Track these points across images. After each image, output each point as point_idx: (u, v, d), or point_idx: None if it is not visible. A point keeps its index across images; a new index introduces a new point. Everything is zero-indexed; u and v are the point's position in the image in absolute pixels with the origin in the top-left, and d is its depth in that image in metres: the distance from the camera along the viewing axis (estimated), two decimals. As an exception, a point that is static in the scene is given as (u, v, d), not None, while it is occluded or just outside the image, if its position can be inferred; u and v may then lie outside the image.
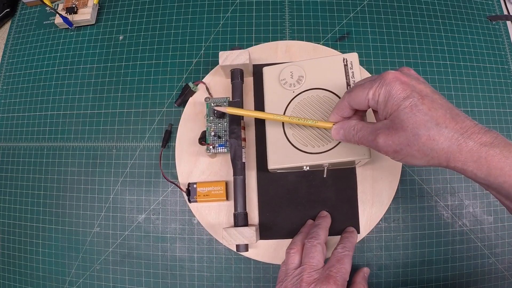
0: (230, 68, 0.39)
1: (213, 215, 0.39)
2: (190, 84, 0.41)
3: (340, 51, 0.43)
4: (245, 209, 0.36)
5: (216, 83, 0.42)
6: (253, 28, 0.46)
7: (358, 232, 0.37)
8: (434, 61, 0.44)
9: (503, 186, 0.24)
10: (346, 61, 0.34)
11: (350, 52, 0.35)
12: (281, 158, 0.33)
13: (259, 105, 0.40)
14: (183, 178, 0.40)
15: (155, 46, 0.46)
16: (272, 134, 0.34)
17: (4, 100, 0.48)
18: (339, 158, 0.32)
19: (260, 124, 0.38)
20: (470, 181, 0.41)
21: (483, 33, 0.46)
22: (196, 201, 0.38)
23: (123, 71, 0.46)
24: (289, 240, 0.36)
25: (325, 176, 0.35)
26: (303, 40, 0.44)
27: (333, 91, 0.34)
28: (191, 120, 0.41)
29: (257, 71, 0.41)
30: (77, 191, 0.43)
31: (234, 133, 0.37)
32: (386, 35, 0.45)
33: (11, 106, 0.47)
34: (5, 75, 0.49)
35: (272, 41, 0.44)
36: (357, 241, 0.37)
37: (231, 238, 0.35)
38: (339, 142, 0.32)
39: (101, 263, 0.41)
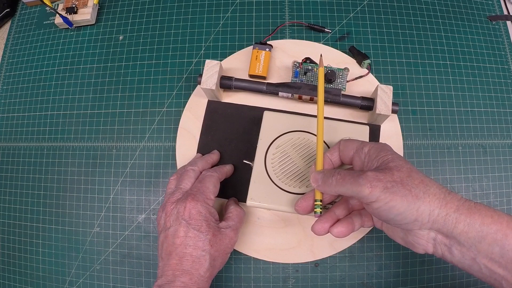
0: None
1: None
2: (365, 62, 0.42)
3: (340, 51, 0.43)
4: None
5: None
6: (253, 28, 0.46)
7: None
8: (434, 61, 0.44)
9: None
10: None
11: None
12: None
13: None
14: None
15: (155, 46, 0.46)
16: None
17: (4, 100, 0.48)
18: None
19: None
20: (470, 181, 0.41)
21: (483, 33, 0.46)
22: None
23: (123, 71, 0.46)
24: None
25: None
26: (303, 40, 0.45)
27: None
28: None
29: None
30: (77, 191, 0.43)
31: (307, 89, 0.39)
32: (386, 35, 0.45)
33: (11, 106, 0.47)
34: (5, 75, 0.49)
35: (272, 40, 0.44)
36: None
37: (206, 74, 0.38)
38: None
39: (101, 263, 0.41)
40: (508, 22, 0.47)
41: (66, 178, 0.44)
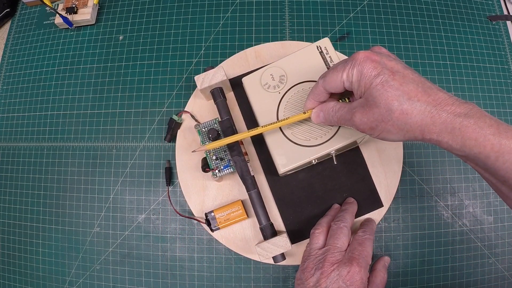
0: (209, 90, 0.38)
1: (239, 237, 0.38)
2: (175, 117, 0.40)
3: (340, 51, 0.43)
4: (269, 220, 0.36)
5: (201, 107, 0.41)
6: (253, 28, 0.46)
7: (381, 205, 0.38)
8: (434, 61, 0.44)
9: (479, 157, 0.24)
10: (320, 48, 0.35)
11: (351, 51, 0.35)
12: (288, 159, 0.34)
13: (248, 116, 0.40)
14: (197, 210, 0.39)
15: (155, 46, 0.46)
16: (273, 140, 0.34)
17: (4, 100, 0.48)
18: (343, 142, 0.33)
19: (255, 135, 0.38)
20: (470, 181, 0.41)
21: (483, 33, 0.46)
22: (218, 228, 0.37)
23: (123, 71, 0.46)
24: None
25: (335, 163, 0.35)
26: (303, 40, 0.45)
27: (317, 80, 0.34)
28: (188, 151, 0.40)
29: (236, 84, 0.40)
30: (77, 191, 0.43)
31: (234, 150, 0.36)
32: (386, 35, 0.45)
33: (11, 106, 0.47)
34: (5, 75, 0.49)
35: (272, 41, 0.44)
36: (382, 215, 0.38)
37: (267, 252, 0.34)
38: (339, 129, 0.33)
39: (101, 263, 0.41)
40: (508, 22, 0.47)
41: (66, 178, 0.44)
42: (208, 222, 0.37)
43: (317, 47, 0.35)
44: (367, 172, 0.38)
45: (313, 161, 0.34)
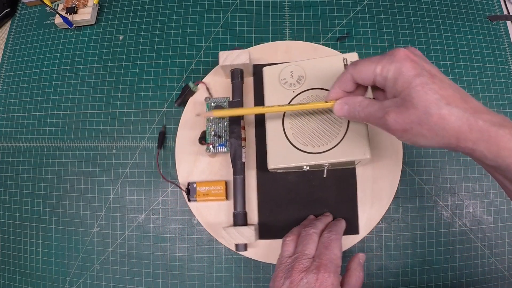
0: (230, 68, 0.39)
1: (213, 215, 0.39)
2: (190, 84, 0.41)
3: (340, 51, 0.43)
4: (245, 209, 0.36)
5: (217, 83, 0.42)
6: (253, 28, 0.46)
7: (357, 233, 0.37)
8: (434, 61, 0.44)
9: (511, 168, 0.24)
10: (346, 61, 0.34)
11: (350, 52, 0.35)
12: (281, 158, 0.33)
13: (260, 104, 0.40)
14: (183, 178, 0.40)
15: (155, 46, 0.46)
16: (272, 134, 0.34)
17: (4, 100, 0.48)
18: (339, 158, 0.32)
19: (260, 125, 0.38)
20: (470, 181, 0.41)
21: (483, 33, 0.46)
22: (195, 200, 0.38)
23: (123, 71, 0.46)
24: None
25: (324, 176, 0.35)
26: (303, 40, 0.45)
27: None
28: (192, 120, 0.41)
29: (257, 71, 0.41)
30: (77, 191, 0.43)
31: (234, 132, 0.37)
32: (386, 35, 0.45)
33: (11, 106, 0.47)
34: (5, 75, 0.49)
35: (272, 41, 0.44)
36: (355, 242, 0.37)
37: (230, 237, 0.35)
38: (340, 142, 0.32)
39: (101, 263, 0.41)
40: (508, 22, 0.47)
41: (66, 178, 0.44)
42: (188, 191, 0.39)
43: (344, 59, 0.34)
44: (355, 196, 0.38)
45: (305, 167, 0.34)
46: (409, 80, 0.25)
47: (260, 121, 0.38)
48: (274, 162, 0.34)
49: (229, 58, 0.38)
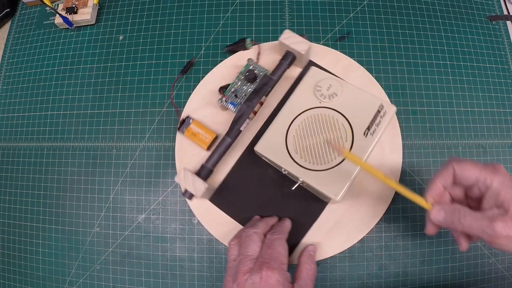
0: (286, 49, 0.39)
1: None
2: (248, 41, 0.43)
3: (340, 51, 0.43)
4: (213, 167, 0.37)
5: (268, 57, 0.43)
6: (253, 28, 0.46)
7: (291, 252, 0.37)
8: (434, 61, 0.44)
9: None
10: (382, 108, 0.34)
11: (351, 51, 0.35)
12: (268, 148, 0.34)
13: (284, 98, 0.41)
14: (188, 111, 0.42)
15: (155, 46, 0.46)
16: (277, 126, 0.35)
17: (4, 100, 0.48)
18: (311, 182, 0.33)
19: (275, 114, 0.38)
20: (470, 181, 0.41)
21: (483, 33, 0.46)
22: (183, 133, 0.40)
23: (123, 71, 0.46)
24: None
25: (292, 189, 0.35)
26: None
27: (351, 123, 0.34)
28: (224, 73, 0.43)
29: (307, 67, 0.40)
30: (77, 191, 0.43)
31: (250, 101, 0.38)
32: (386, 35, 0.45)
33: (11, 106, 0.47)
34: (5, 75, 0.49)
35: (272, 40, 0.44)
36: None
37: (184, 181, 0.35)
38: (323, 170, 0.33)
39: (101, 263, 0.41)
40: (508, 22, 0.47)
41: (66, 178, 0.44)
42: (182, 122, 0.41)
43: (380, 105, 0.34)
44: (312, 221, 0.38)
45: (284, 170, 0.34)
46: None
47: (277, 111, 0.38)
48: (262, 147, 0.35)
49: (291, 39, 0.38)
